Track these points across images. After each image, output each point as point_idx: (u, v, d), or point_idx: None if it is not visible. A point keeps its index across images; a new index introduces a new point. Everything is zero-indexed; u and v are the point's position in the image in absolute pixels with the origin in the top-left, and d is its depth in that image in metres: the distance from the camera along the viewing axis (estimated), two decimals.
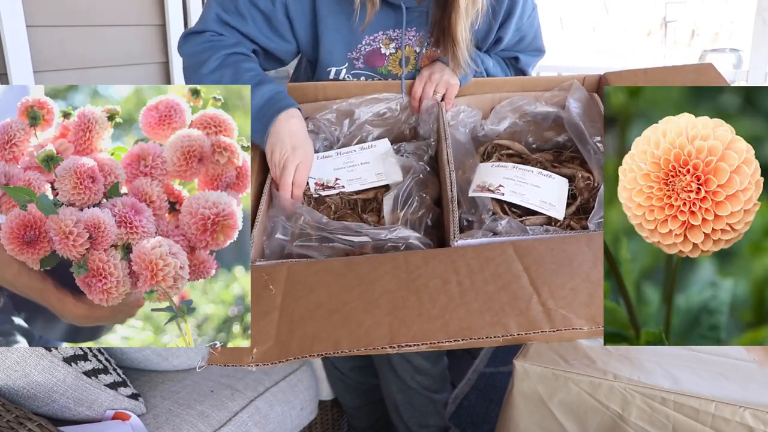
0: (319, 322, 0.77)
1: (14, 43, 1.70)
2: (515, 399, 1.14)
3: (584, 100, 1.22)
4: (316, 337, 0.75)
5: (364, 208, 1.10)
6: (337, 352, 0.73)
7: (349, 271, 0.85)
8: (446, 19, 1.16)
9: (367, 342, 0.73)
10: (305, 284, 0.84)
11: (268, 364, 0.74)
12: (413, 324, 0.75)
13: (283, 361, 0.74)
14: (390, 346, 0.73)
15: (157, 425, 1.10)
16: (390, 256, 0.88)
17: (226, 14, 1.17)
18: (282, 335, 0.76)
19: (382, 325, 0.75)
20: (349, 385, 1.43)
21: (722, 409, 0.98)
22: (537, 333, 0.72)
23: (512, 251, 0.86)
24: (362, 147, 1.16)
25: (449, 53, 1.19)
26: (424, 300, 0.78)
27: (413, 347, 0.73)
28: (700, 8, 12.01)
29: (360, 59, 1.24)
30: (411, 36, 1.23)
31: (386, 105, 1.23)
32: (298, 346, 0.75)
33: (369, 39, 1.21)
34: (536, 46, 1.38)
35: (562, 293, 0.77)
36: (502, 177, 1.06)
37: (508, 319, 0.74)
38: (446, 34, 1.17)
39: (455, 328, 0.74)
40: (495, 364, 1.96)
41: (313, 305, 0.80)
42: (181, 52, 1.22)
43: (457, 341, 0.72)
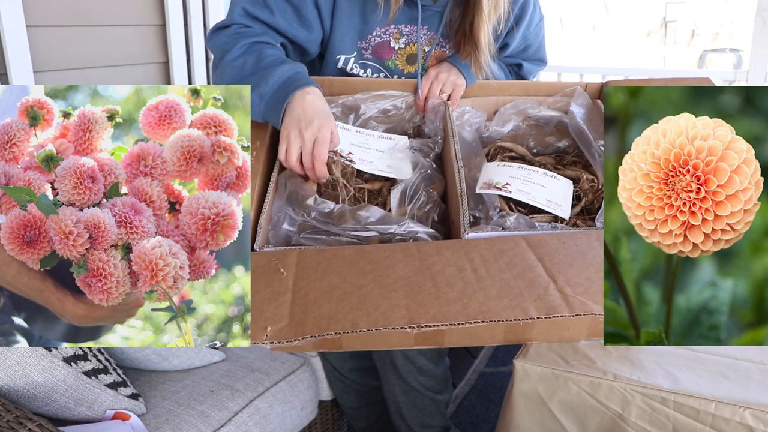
0: (335, 303, 0.76)
1: (14, 43, 1.70)
2: (515, 399, 1.14)
3: (587, 105, 1.23)
4: (332, 317, 0.74)
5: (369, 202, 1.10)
6: (355, 331, 0.72)
7: (361, 258, 0.84)
8: (467, 23, 1.17)
9: (385, 323, 0.72)
10: (317, 269, 0.83)
11: (282, 342, 0.72)
12: (431, 306, 0.74)
13: (299, 339, 0.72)
14: (410, 327, 0.72)
15: (157, 425, 1.10)
16: (402, 245, 0.88)
17: (253, 8, 1.17)
18: (296, 315, 0.75)
19: (400, 307, 0.75)
20: (348, 386, 1.43)
21: (722, 409, 0.98)
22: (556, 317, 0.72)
23: (525, 244, 0.86)
24: (382, 136, 1.16)
25: (471, 57, 1.20)
26: (441, 285, 0.78)
27: (433, 328, 0.72)
28: (700, 8, 12.01)
29: (369, 50, 1.24)
30: (422, 34, 1.23)
31: (392, 102, 1.23)
32: (314, 325, 0.73)
33: (380, 31, 1.22)
34: (539, 56, 1.40)
35: (578, 281, 0.77)
36: (509, 176, 1.06)
37: (527, 303, 0.74)
38: (468, 38, 1.18)
39: (474, 310, 0.73)
40: (495, 364, 1.96)
41: (327, 288, 0.79)
42: (209, 46, 1.23)
43: (477, 323, 0.72)
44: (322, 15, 1.19)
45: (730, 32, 11.80)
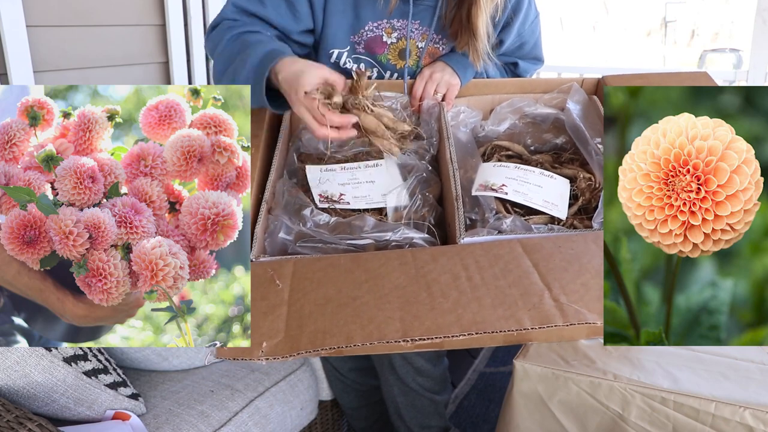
0: (330, 316, 0.77)
1: (14, 43, 1.70)
2: (515, 399, 1.14)
3: (584, 102, 1.23)
4: (327, 331, 0.75)
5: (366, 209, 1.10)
6: (349, 346, 0.72)
7: (356, 267, 0.85)
8: (464, 12, 1.17)
9: (379, 336, 0.73)
10: (312, 279, 0.84)
11: (278, 358, 0.73)
12: (426, 318, 0.74)
13: (294, 356, 0.73)
14: (404, 340, 0.72)
15: (157, 425, 1.10)
16: (397, 253, 0.88)
17: (244, 2, 1.18)
18: (292, 330, 0.76)
19: (394, 319, 0.75)
20: (348, 386, 1.43)
21: (722, 409, 0.98)
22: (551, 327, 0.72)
23: (520, 248, 0.86)
24: (367, 164, 1.13)
25: (469, 46, 1.20)
26: (436, 295, 0.78)
27: (427, 341, 0.72)
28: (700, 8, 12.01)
29: (361, 44, 1.24)
30: (414, 29, 1.23)
31: (387, 103, 1.23)
32: (309, 340, 0.74)
33: (372, 25, 1.22)
34: (535, 54, 1.40)
35: (574, 288, 0.77)
36: (505, 177, 1.06)
37: (521, 313, 0.74)
38: (465, 27, 1.18)
39: (468, 321, 0.73)
40: (495, 364, 1.96)
41: (322, 300, 0.80)
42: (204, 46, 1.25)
43: (471, 335, 0.72)
44: (314, 8, 1.20)
45: (730, 32, 11.80)
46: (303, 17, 1.20)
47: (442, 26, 1.24)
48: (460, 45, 1.22)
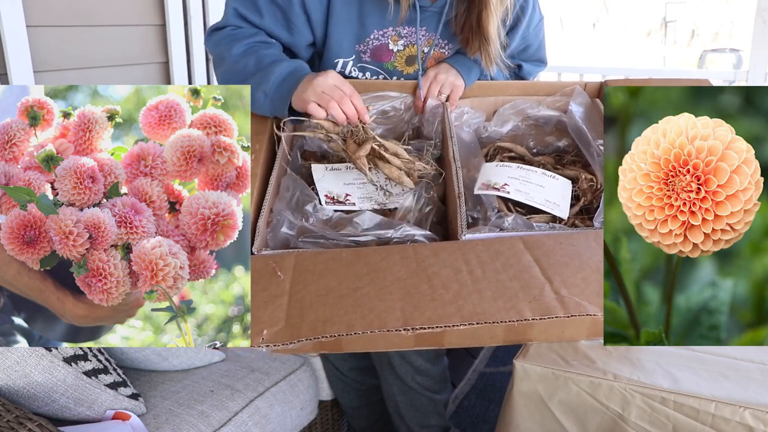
0: (331, 306, 0.77)
1: (14, 43, 1.70)
2: (515, 399, 1.14)
3: (586, 104, 1.23)
4: (327, 320, 0.75)
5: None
6: (350, 334, 0.73)
7: (357, 260, 0.85)
8: (474, 18, 1.17)
9: (380, 325, 0.73)
10: (314, 271, 0.84)
11: (278, 344, 0.73)
12: (426, 309, 0.75)
13: (294, 342, 0.73)
14: (404, 329, 0.72)
15: (157, 425, 1.10)
16: (399, 247, 0.88)
17: (244, 9, 1.19)
18: (292, 318, 0.76)
19: (395, 309, 0.75)
20: (348, 385, 1.43)
21: (722, 409, 0.98)
22: (552, 318, 0.72)
23: (521, 244, 0.86)
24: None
25: (481, 51, 1.21)
26: (437, 287, 0.78)
27: (428, 330, 0.72)
28: (700, 8, 12.01)
29: (367, 53, 1.24)
30: (421, 35, 1.23)
31: (391, 103, 1.23)
32: (309, 328, 0.74)
33: (378, 34, 1.22)
34: (539, 56, 1.40)
35: (574, 282, 0.78)
36: (507, 176, 1.06)
37: (522, 305, 0.74)
38: (475, 32, 1.19)
39: (469, 312, 0.74)
40: (495, 364, 1.96)
41: (323, 291, 0.80)
42: (206, 47, 1.26)
43: (472, 324, 0.72)
44: (312, 20, 1.19)
45: (730, 32, 11.79)
46: (298, 29, 1.20)
47: (448, 31, 1.24)
48: (472, 50, 1.22)
